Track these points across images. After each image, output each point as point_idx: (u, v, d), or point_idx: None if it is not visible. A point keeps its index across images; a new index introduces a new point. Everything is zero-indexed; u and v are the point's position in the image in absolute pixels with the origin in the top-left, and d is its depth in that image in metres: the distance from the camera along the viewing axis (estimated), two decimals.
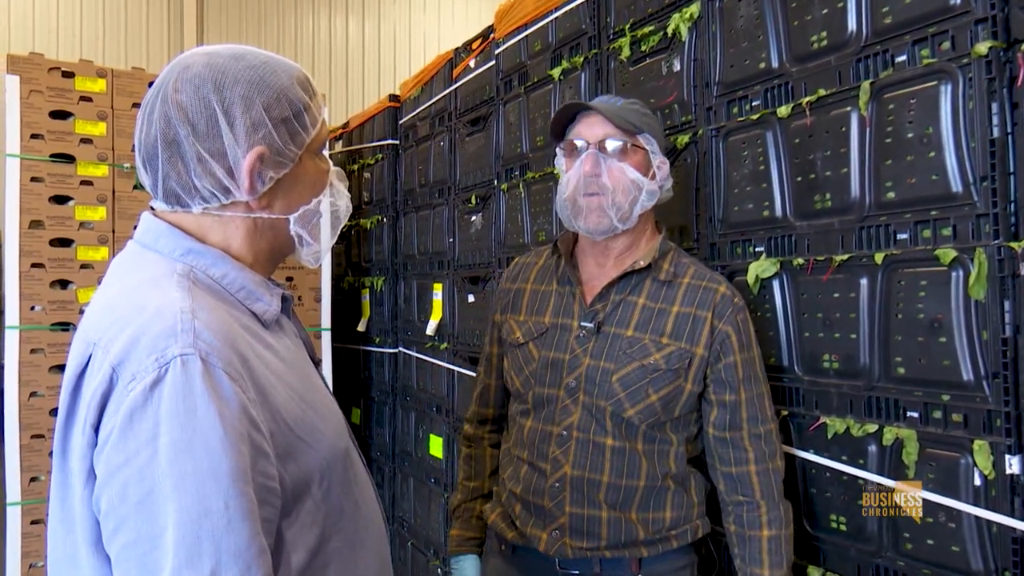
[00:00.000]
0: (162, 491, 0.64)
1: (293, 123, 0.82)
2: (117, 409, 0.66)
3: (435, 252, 2.76)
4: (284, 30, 6.81)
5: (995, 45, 1.03)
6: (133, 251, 0.82)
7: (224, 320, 0.74)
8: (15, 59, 2.54)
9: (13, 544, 2.49)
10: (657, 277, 1.27)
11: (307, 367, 0.88)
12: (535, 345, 1.31)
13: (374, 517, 0.90)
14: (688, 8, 1.57)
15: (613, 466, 1.22)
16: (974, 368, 1.06)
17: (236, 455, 0.66)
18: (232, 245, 0.83)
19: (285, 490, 0.73)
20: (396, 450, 3.11)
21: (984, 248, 1.04)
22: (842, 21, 1.24)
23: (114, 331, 0.70)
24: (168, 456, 0.64)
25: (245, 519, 0.65)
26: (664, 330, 1.23)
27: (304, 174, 0.86)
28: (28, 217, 2.52)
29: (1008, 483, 1.02)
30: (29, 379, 2.50)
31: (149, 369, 0.66)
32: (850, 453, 1.23)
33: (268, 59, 0.83)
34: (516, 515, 1.29)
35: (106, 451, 0.66)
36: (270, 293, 0.85)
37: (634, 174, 1.24)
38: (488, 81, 2.40)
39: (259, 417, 0.71)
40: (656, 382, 1.21)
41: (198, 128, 0.78)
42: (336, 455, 0.82)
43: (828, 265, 1.26)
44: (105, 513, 0.66)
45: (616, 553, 1.23)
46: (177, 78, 0.79)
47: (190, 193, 0.80)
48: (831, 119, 1.25)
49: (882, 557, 1.18)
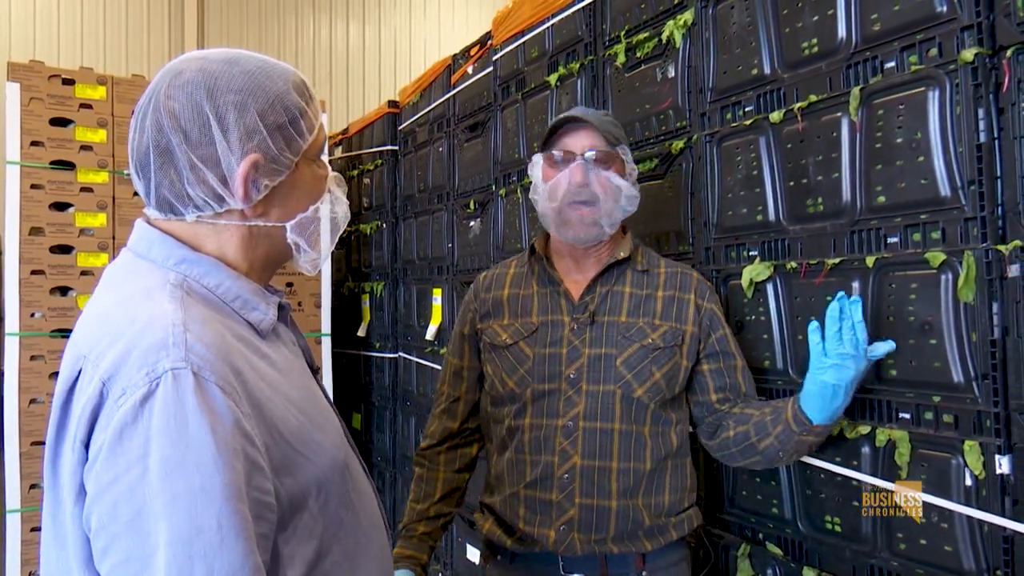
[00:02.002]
0: (153, 509, 0.62)
1: (289, 129, 0.80)
2: (107, 425, 0.64)
3: (434, 257, 2.78)
4: (284, 37, 6.84)
5: (981, 52, 1.05)
6: (126, 260, 0.80)
7: (217, 332, 0.72)
8: (15, 66, 2.56)
9: (13, 551, 2.49)
10: (636, 268, 1.34)
11: (305, 377, 0.86)
12: (527, 344, 1.33)
13: (375, 527, 0.88)
14: (682, 15, 1.59)
15: (622, 450, 1.26)
16: (964, 369, 1.07)
17: (229, 471, 0.64)
18: (227, 253, 0.81)
19: (281, 504, 0.71)
20: (397, 455, 3.12)
21: (972, 251, 1.05)
22: (832, 28, 1.26)
23: (104, 344, 0.68)
24: (159, 474, 0.62)
25: (239, 537, 0.63)
26: (655, 312, 1.31)
27: (301, 181, 0.83)
28: (28, 224, 2.53)
29: (998, 483, 1.03)
30: (29, 386, 2.51)
31: (139, 384, 0.64)
32: (844, 455, 1.24)
33: (263, 63, 0.81)
34: (521, 516, 1.29)
35: (96, 468, 0.64)
36: (266, 302, 0.83)
37: (619, 182, 1.30)
38: (486, 87, 2.42)
39: (254, 431, 0.69)
40: (658, 360, 1.27)
41: (191, 135, 0.76)
42: (334, 466, 0.80)
43: (821, 268, 1.27)
44: (95, 531, 0.64)
45: (622, 548, 1.25)
46: (169, 84, 0.77)
47: (183, 201, 0.78)
48: (822, 124, 1.27)
49: (876, 557, 1.19)
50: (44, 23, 5.95)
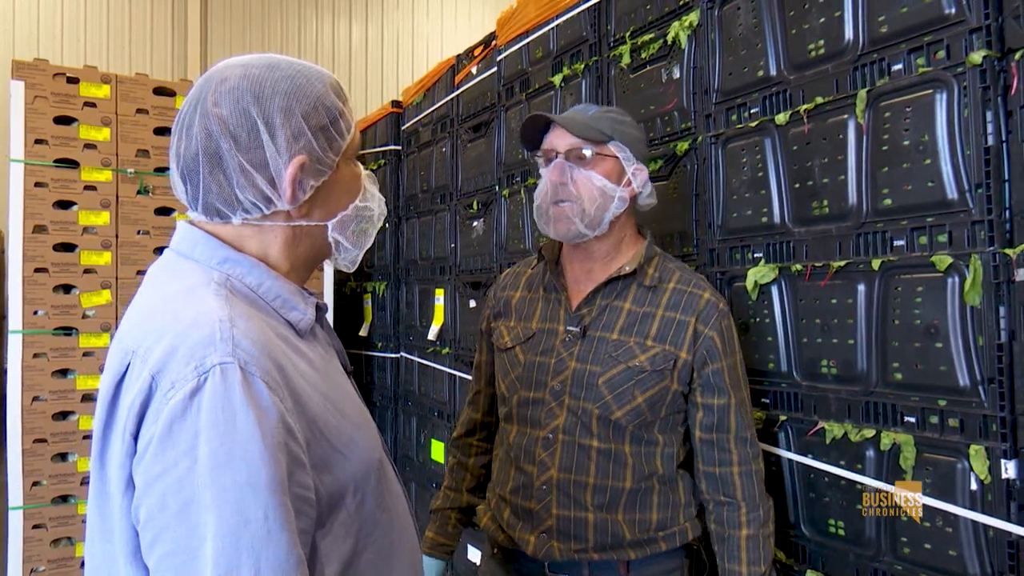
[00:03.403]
0: (202, 501, 0.63)
1: (330, 130, 0.82)
2: (156, 418, 0.65)
3: (437, 257, 2.77)
4: (287, 36, 6.85)
5: (989, 54, 1.04)
6: (170, 259, 0.82)
7: (261, 329, 0.73)
8: (20, 65, 2.56)
9: (15, 548, 2.50)
10: (643, 283, 1.27)
11: (340, 377, 0.87)
12: (521, 349, 1.33)
13: (407, 529, 0.89)
14: (688, 16, 1.58)
15: (599, 467, 1.23)
16: (970, 373, 1.07)
17: (274, 465, 0.65)
18: (270, 254, 0.83)
19: (320, 500, 0.73)
20: (398, 455, 3.12)
21: (979, 254, 1.05)
22: (839, 30, 1.25)
23: (152, 339, 0.69)
24: (207, 466, 0.63)
25: (283, 529, 0.65)
26: (649, 333, 1.24)
27: (341, 180, 0.86)
28: (32, 222, 2.53)
29: (1004, 487, 1.03)
30: (32, 383, 2.51)
31: (188, 377, 0.66)
32: (848, 458, 1.24)
33: (302, 67, 0.83)
34: (504, 520, 1.31)
35: (145, 460, 0.65)
36: (305, 302, 0.84)
37: (601, 181, 1.24)
38: (490, 87, 2.42)
39: (296, 427, 0.70)
40: (642, 383, 1.22)
41: (240, 140, 0.78)
42: (370, 466, 0.82)
43: (826, 271, 1.27)
44: (144, 523, 0.66)
45: (604, 556, 1.24)
46: (215, 91, 0.79)
47: (232, 205, 0.80)
48: (828, 127, 1.27)
49: (880, 561, 1.19)
50: (48, 22, 5.96)
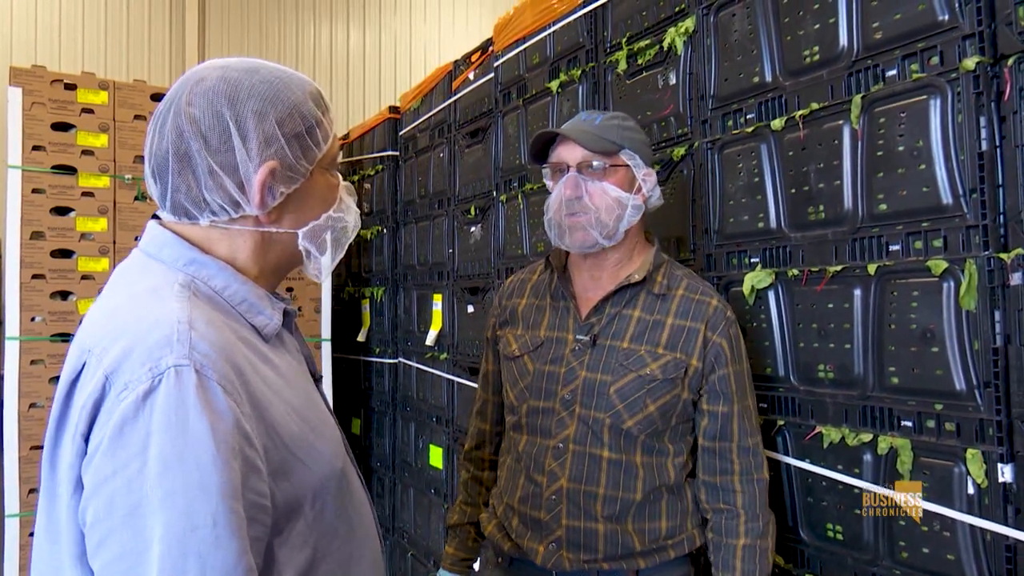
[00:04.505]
0: (150, 505, 0.62)
1: (305, 138, 0.81)
2: (108, 418, 0.64)
3: (435, 263, 2.78)
4: (285, 41, 6.86)
5: (982, 60, 1.05)
6: (137, 260, 0.81)
7: (222, 332, 0.72)
8: (17, 71, 2.56)
9: (11, 556, 2.49)
10: (651, 290, 1.27)
11: (307, 384, 0.86)
12: (530, 358, 1.32)
13: (369, 539, 0.87)
14: (684, 22, 1.59)
15: (610, 478, 1.23)
16: (966, 377, 1.07)
17: (227, 470, 0.64)
18: (238, 258, 0.82)
19: (277, 508, 0.71)
20: (396, 461, 3.11)
21: (974, 259, 1.05)
22: (834, 36, 1.26)
23: (109, 339, 0.68)
24: (157, 469, 0.62)
25: (233, 536, 0.63)
26: (659, 341, 1.24)
27: (315, 189, 0.85)
28: (29, 228, 2.53)
29: (1001, 491, 1.03)
30: (29, 390, 2.51)
31: (142, 379, 0.64)
32: (845, 462, 1.24)
33: (282, 73, 0.82)
34: (513, 528, 1.30)
35: (95, 461, 0.64)
36: (272, 307, 0.83)
37: (616, 192, 1.23)
38: (487, 93, 2.42)
39: (253, 432, 0.69)
40: (653, 392, 1.22)
41: (210, 142, 0.77)
42: (332, 475, 0.80)
43: (822, 276, 1.27)
44: (91, 525, 0.64)
45: (613, 565, 1.23)
46: (190, 91, 0.78)
47: (199, 206, 0.79)
48: (824, 132, 1.27)
49: (878, 565, 1.19)
50: (46, 28, 5.96)
